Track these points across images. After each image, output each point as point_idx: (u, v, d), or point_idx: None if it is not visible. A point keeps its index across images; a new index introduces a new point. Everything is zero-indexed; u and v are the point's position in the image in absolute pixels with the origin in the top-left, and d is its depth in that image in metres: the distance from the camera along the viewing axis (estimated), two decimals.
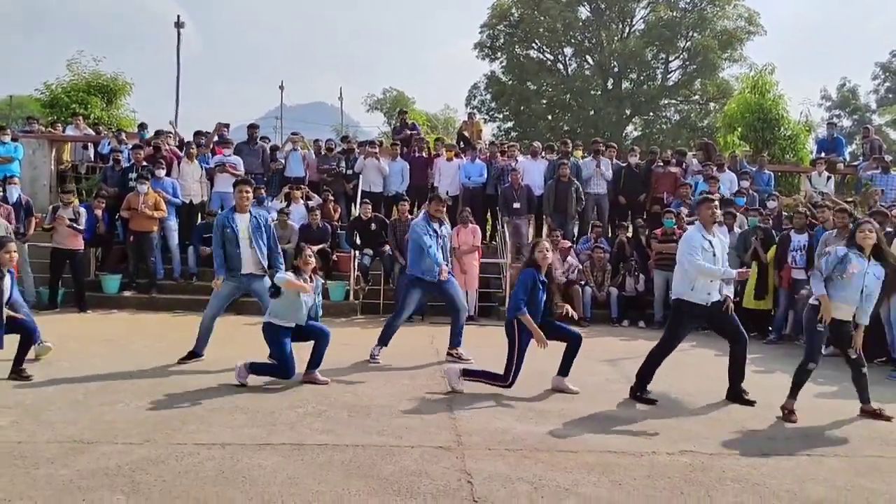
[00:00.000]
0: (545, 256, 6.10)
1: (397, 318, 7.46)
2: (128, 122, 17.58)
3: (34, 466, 3.98)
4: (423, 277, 7.33)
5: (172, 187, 11.89)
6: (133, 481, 3.80)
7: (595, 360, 7.70)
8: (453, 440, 4.71)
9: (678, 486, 4.00)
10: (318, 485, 3.84)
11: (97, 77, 17.97)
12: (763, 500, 3.84)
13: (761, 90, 17.74)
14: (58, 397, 5.50)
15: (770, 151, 16.31)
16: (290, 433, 4.75)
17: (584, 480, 4.04)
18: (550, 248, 6.27)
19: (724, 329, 6.21)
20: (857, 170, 14.56)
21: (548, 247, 6.20)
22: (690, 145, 21.51)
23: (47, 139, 13.68)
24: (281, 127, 47.30)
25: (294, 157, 13.48)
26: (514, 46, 37.94)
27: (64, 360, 6.77)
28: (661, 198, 12.56)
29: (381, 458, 4.30)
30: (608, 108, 35.73)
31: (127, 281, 11.31)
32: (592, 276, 11.31)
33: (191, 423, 4.89)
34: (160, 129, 13.94)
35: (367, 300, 11.29)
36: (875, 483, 4.18)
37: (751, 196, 12.25)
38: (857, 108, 44.73)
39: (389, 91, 39.75)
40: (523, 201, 12.26)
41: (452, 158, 13.39)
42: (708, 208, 6.14)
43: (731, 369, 6.19)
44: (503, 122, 38.89)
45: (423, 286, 7.42)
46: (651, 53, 36.81)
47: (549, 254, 6.16)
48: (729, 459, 4.51)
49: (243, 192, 7.06)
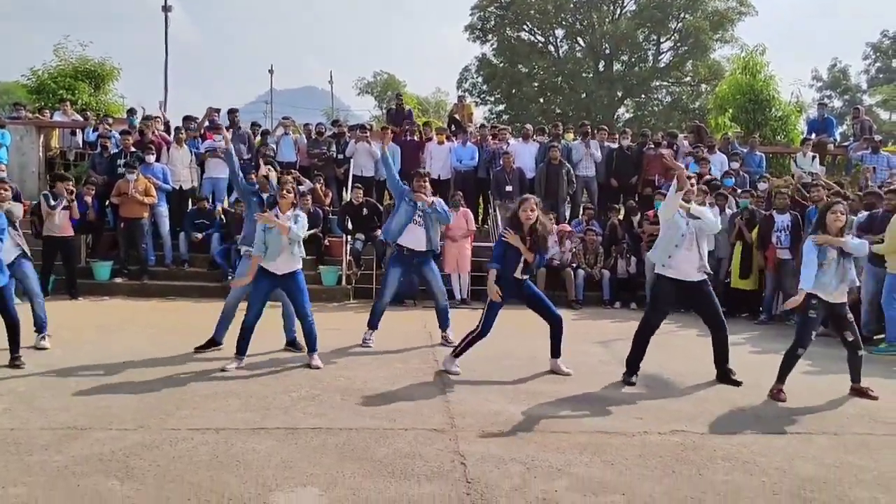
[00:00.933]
0: (528, 217, 5.98)
1: (381, 299, 7.48)
2: (116, 108, 17.43)
3: (28, 453, 3.98)
4: (401, 246, 7.35)
5: (163, 173, 11.82)
6: (127, 466, 3.81)
7: (587, 342, 7.74)
8: (446, 422, 4.73)
9: (669, 465, 4.04)
10: (313, 468, 3.86)
11: (84, 62, 17.77)
12: (753, 478, 3.88)
13: (752, 71, 17.73)
14: (50, 384, 5.49)
15: (761, 133, 16.34)
16: (283, 417, 4.76)
17: (577, 461, 4.07)
18: (537, 208, 6.06)
19: (705, 313, 6.18)
20: (848, 150, 14.62)
21: (534, 206, 6.02)
22: (682, 127, 21.55)
23: (35, 125, 13.57)
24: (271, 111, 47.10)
25: (285, 141, 13.43)
26: (505, 28, 37.73)
27: (56, 347, 6.75)
28: (653, 180, 12.59)
29: (374, 440, 4.32)
30: (600, 91, 35.64)
31: (118, 268, 11.27)
32: (584, 259, 11.35)
33: (184, 409, 4.90)
34: (148, 114, 13.84)
35: (360, 285, 11.29)
36: (863, 460, 4.23)
37: (741, 177, 12.28)
38: (847, 89, 44.86)
39: (380, 74, 39.63)
40: (515, 184, 12.26)
41: (443, 142, 13.36)
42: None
43: (716, 354, 6.21)
44: (494, 105, 38.78)
45: (402, 264, 7.43)
46: (642, 35, 36.66)
47: (534, 213, 5.99)
48: (719, 438, 4.55)
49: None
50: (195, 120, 13.63)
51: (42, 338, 6.78)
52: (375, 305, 7.52)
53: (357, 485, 3.64)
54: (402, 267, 7.47)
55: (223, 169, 12.31)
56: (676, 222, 5.90)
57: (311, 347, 6.38)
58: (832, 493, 3.72)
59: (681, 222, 5.90)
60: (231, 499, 3.43)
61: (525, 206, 6.02)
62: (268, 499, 3.45)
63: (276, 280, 6.29)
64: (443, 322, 7.57)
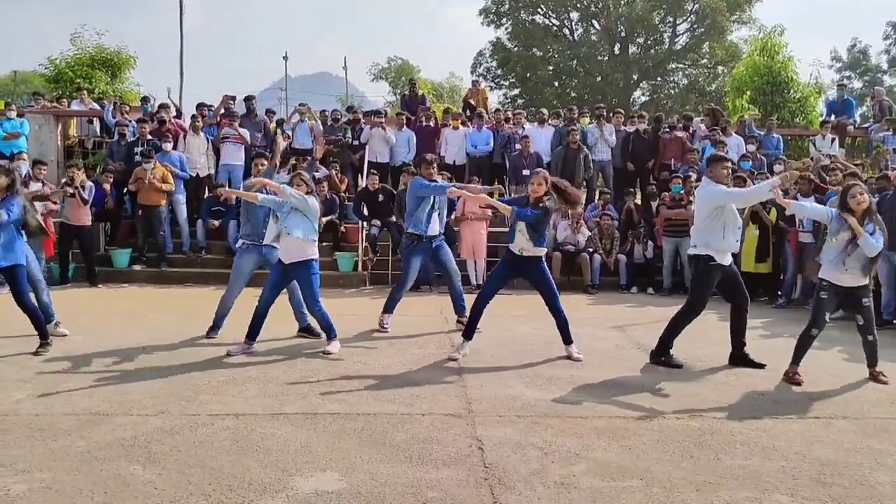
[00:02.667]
0: (535, 189, 6.11)
1: (401, 288, 7.47)
2: (132, 96, 17.51)
3: (52, 438, 4.04)
4: (417, 234, 7.32)
5: (180, 161, 11.88)
6: (149, 452, 3.86)
7: (604, 328, 7.73)
8: (464, 407, 4.75)
9: (688, 450, 4.03)
10: (331, 453, 3.89)
11: (101, 51, 17.85)
12: (772, 462, 3.87)
13: (770, 53, 17.49)
14: (73, 371, 5.57)
15: (779, 115, 16.13)
16: (302, 403, 4.80)
17: (595, 445, 4.08)
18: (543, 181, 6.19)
19: (733, 292, 6.14)
20: (868, 132, 14.41)
21: (542, 180, 6.17)
22: (699, 110, 21.33)
23: (53, 114, 13.65)
24: (286, 98, 47.10)
25: (302, 128, 13.43)
26: (519, 12, 37.43)
27: (77, 335, 6.83)
28: (669, 164, 12.49)
29: (392, 426, 4.35)
30: (615, 74, 35.33)
31: (136, 255, 11.37)
32: (600, 244, 11.29)
33: (204, 394, 4.95)
34: (163, 103, 13.89)
35: (376, 271, 11.32)
36: (884, 444, 4.20)
37: (758, 160, 12.16)
38: (868, 69, 44.08)
39: (394, 60, 39.44)
40: (532, 169, 12.15)
41: (458, 127, 13.31)
42: (723, 167, 5.98)
43: (734, 333, 6.18)
44: (509, 89, 38.52)
45: (420, 252, 7.41)
46: (658, 17, 36.23)
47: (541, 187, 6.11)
48: (738, 423, 4.54)
49: (258, 166, 7.09)
50: (209, 107, 13.65)
51: (55, 325, 6.79)
52: (395, 292, 7.50)
53: (375, 469, 3.67)
54: (424, 255, 7.48)
55: (239, 156, 12.39)
56: (733, 210, 5.90)
57: (328, 335, 6.40)
58: (852, 477, 3.70)
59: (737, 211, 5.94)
60: (252, 483, 3.47)
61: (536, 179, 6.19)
62: (288, 483, 3.49)
63: (287, 269, 6.27)
64: (459, 306, 7.55)
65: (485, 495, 3.39)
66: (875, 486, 3.59)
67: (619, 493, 3.44)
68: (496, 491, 3.44)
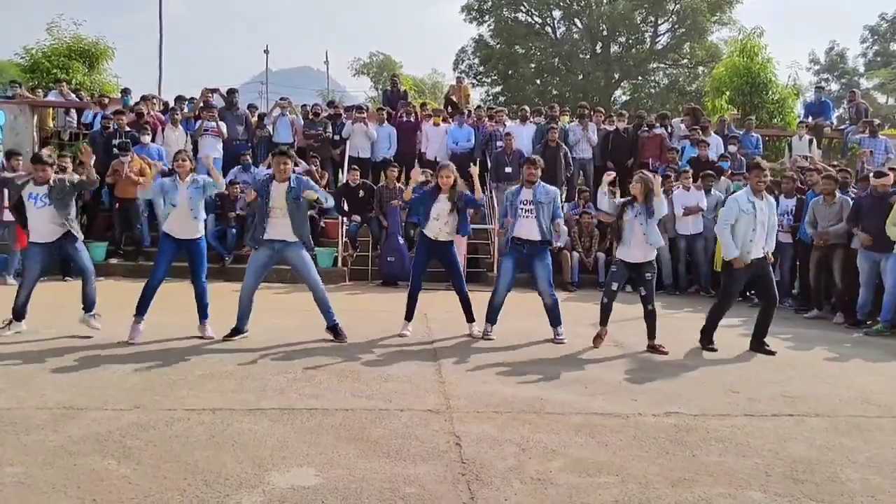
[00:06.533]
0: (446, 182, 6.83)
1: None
2: (110, 88, 17.32)
3: (25, 432, 3.99)
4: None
5: (158, 153, 11.75)
6: (124, 446, 3.82)
7: (581, 324, 7.75)
8: (442, 403, 4.76)
9: (664, 447, 4.07)
10: (309, 448, 3.88)
11: (78, 41, 17.64)
12: (746, 459, 3.91)
13: (749, 54, 17.66)
14: (45, 364, 5.49)
15: (758, 115, 16.30)
16: (279, 398, 4.78)
17: (571, 442, 4.10)
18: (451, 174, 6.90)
19: (758, 286, 7.16)
20: (845, 133, 14.59)
21: (450, 172, 6.89)
22: (679, 109, 21.46)
23: (29, 105, 13.47)
24: (266, 92, 46.81)
25: (282, 122, 13.35)
26: (501, 9, 37.40)
27: (51, 328, 6.75)
28: (647, 162, 12.56)
29: (370, 421, 4.34)
30: (597, 73, 35.46)
31: (113, 248, 11.25)
32: (580, 242, 11.35)
33: (180, 389, 4.91)
34: (146, 94, 13.75)
35: (356, 266, 11.29)
36: (855, 442, 4.27)
37: (738, 160, 12.27)
38: (845, 72, 44.66)
39: (376, 55, 39.31)
40: (515, 166, 12.16)
41: (440, 123, 13.30)
42: (757, 175, 6.61)
43: (757, 323, 6.76)
44: (491, 86, 38.52)
45: (515, 254, 7.04)
46: (640, 16, 36.40)
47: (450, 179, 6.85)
48: (713, 420, 4.58)
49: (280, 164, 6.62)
50: (188, 100, 13.52)
51: (91, 316, 6.80)
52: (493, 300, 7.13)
53: (353, 465, 3.66)
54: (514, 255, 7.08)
55: (217, 148, 12.28)
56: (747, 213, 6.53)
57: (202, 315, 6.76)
58: (824, 474, 3.75)
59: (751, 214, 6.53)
60: (228, 478, 3.45)
61: (443, 173, 6.91)
62: (264, 478, 3.47)
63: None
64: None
65: (462, 491, 3.40)
66: (846, 483, 3.65)
67: (595, 489, 3.47)
68: (473, 486, 3.45)
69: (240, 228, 11.38)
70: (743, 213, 6.52)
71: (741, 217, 6.52)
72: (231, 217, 11.32)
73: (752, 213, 6.50)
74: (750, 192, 6.65)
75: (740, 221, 6.52)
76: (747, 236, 6.51)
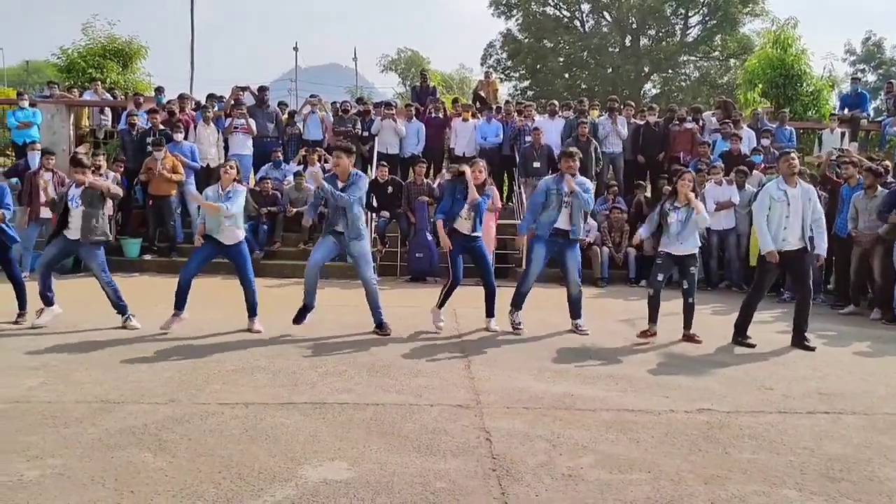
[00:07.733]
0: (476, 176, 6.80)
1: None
2: (144, 87, 17.57)
3: (64, 425, 4.08)
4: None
5: (191, 151, 11.92)
6: (160, 440, 3.89)
7: (612, 321, 7.72)
8: (472, 399, 4.76)
9: (696, 444, 4.03)
10: (340, 442, 3.91)
11: (112, 41, 17.92)
12: (780, 457, 3.86)
13: (783, 45, 17.32)
14: (84, 359, 5.61)
15: (792, 108, 16.00)
16: (311, 392, 4.83)
17: (602, 438, 4.08)
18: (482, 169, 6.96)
19: (793, 277, 7.10)
20: (882, 125, 14.28)
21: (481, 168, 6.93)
22: (710, 103, 21.20)
23: (65, 104, 13.71)
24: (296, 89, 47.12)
25: (312, 119, 13.43)
26: (529, 3, 37.23)
27: (88, 323, 6.88)
28: (679, 156, 12.42)
29: (400, 416, 4.37)
30: (626, 66, 35.14)
31: (147, 245, 11.43)
32: (609, 237, 11.27)
33: (214, 383, 4.98)
34: (182, 93, 13.93)
35: (385, 262, 11.33)
36: (893, 440, 4.19)
37: (771, 154, 12.07)
38: (882, 63, 43.69)
39: (404, 51, 39.39)
40: (543, 161, 12.10)
41: (468, 119, 13.27)
42: (786, 161, 6.61)
43: (795, 317, 6.68)
44: (519, 81, 38.38)
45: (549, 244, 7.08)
46: (670, 8, 35.98)
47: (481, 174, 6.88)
48: (746, 417, 4.53)
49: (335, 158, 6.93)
50: (219, 98, 13.66)
51: (126, 319, 6.90)
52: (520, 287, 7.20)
53: (384, 459, 3.69)
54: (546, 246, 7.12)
55: (247, 145, 12.42)
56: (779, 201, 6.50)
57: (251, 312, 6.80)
58: (861, 472, 3.69)
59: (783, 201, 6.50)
60: (261, 472, 3.50)
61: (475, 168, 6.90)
62: (297, 472, 3.51)
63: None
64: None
65: (493, 486, 3.41)
66: (884, 482, 3.58)
67: (626, 486, 3.45)
68: (504, 482, 3.45)
69: (271, 224, 11.50)
70: (774, 200, 6.51)
71: (773, 205, 6.51)
72: (263, 213, 11.42)
73: (785, 200, 6.49)
74: (781, 180, 6.63)
75: (773, 210, 6.52)
76: (781, 224, 6.50)
